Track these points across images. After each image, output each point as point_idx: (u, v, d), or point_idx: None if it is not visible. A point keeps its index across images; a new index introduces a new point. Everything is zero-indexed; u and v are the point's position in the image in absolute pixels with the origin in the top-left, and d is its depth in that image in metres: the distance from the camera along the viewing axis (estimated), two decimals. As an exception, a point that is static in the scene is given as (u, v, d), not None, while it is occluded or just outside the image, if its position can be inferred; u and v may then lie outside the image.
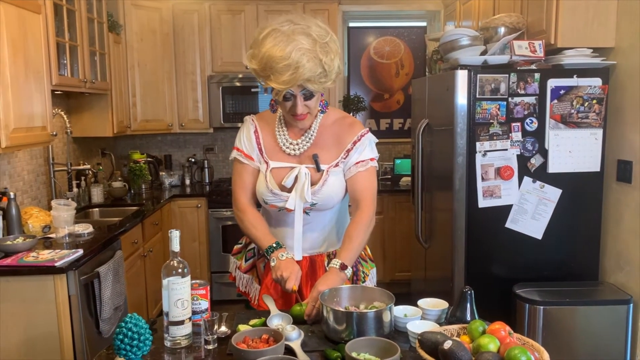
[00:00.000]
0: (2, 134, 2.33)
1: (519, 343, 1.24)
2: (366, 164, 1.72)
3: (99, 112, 3.72)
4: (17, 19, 2.45)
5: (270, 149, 1.74)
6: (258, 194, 1.74)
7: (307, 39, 1.50)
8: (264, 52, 1.51)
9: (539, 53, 2.61)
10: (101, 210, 3.66)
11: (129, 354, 1.23)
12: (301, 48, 1.48)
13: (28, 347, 2.21)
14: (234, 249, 1.97)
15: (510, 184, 2.65)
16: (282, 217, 1.76)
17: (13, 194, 2.57)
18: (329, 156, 1.71)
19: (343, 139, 1.73)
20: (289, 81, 1.50)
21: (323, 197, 1.69)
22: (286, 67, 1.48)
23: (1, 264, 2.19)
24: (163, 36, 4.31)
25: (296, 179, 1.68)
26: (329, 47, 1.54)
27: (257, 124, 1.77)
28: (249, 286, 1.88)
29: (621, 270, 2.62)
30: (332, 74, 1.57)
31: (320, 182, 1.68)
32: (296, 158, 1.72)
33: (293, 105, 1.59)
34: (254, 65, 1.56)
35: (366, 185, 1.72)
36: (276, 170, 1.71)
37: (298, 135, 1.73)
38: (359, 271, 1.83)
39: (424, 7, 4.75)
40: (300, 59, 1.48)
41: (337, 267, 1.61)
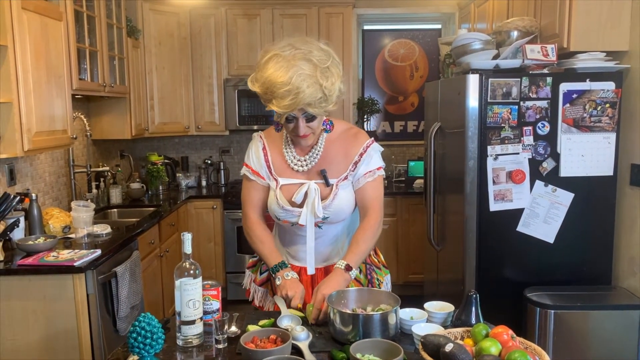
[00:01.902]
0: (24, 137, 2.42)
1: (521, 347, 1.26)
2: (373, 174, 1.76)
3: (117, 115, 3.81)
4: (39, 26, 2.54)
5: (278, 166, 1.77)
6: (270, 210, 1.78)
7: (308, 64, 1.52)
8: (265, 76, 1.53)
9: (551, 57, 2.60)
10: (119, 210, 3.75)
11: (142, 352, 1.28)
12: (302, 74, 1.50)
13: (48, 344, 2.28)
14: (250, 262, 2.00)
15: (521, 188, 2.66)
16: (296, 231, 1.79)
17: (35, 195, 2.66)
18: (337, 170, 1.74)
19: (349, 152, 1.75)
20: (289, 106, 1.52)
21: (334, 211, 1.72)
22: (287, 93, 1.50)
23: (23, 263, 2.28)
24: (180, 40, 4.39)
25: (306, 194, 1.71)
26: (329, 72, 1.55)
27: (265, 141, 1.80)
28: (263, 299, 1.89)
29: (634, 275, 2.61)
30: (333, 97, 1.58)
31: (331, 197, 1.71)
32: (304, 174, 1.75)
33: (295, 126, 1.62)
34: (257, 88, 1.59)
35: (374, 194, 1.77)
36: (286, 187, 1.74)
37: (305, 151, 1.75)
38: (373, 279, 1.85)
39: (438, 10, 4.76)
40: (301, 84, 1.49)
41: (342, 268, 1.65)
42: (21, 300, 2.25)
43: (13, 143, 2.39)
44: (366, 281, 1.83)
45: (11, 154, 2.41)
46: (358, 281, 1.80)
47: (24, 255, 2.38)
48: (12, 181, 2.78)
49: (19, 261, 2.30)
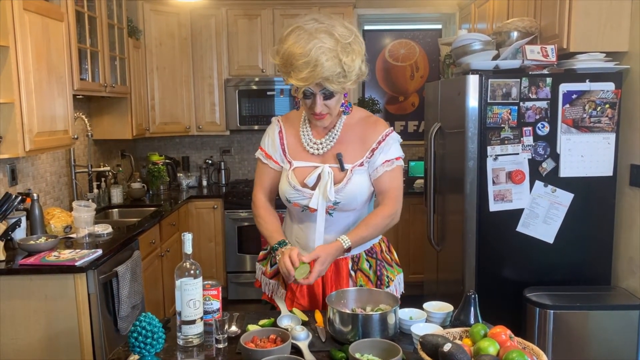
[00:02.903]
0: (26, 137, 2.43)
1: (519, 347, 1.27)
2: (392, 164, 1.73)
3: (118, 115, 3.82)
4: (41, 27, 2.55)
5: (293, 149, 1.77)
6: (281, 192, 1.77)
7: (330, 38, 1.51)
8: (285, 48, 1.54)
9: (551, 57, 2.61)
10: (120, 210, 3.76)
11: (143, 351, 1.29)
12: (322, 47, 1.49)
13: (49, 343, 2.29)
14: (260, 255, 1.97)
15: (521, 188, 2.66)
16: (306, 218, 1.76)
17: (36, 195, 2.67)
18: (354, 155, 1.72)
19: (367, 138, 1.73)
20: (307, 78, 1.52)
21: (346, 196, 1.69)
22: (305, 65, 1.50)
23: (24, 263, 2.29)
24: (181, 40, 4.40)
25: (319, 178, 1.69)
26: (350, 48, 1.54)
27: (282, 125, 1.81)
28: (275, 292, 1.86)
29: (633, 275, 2.61)
30: (352, 75, 1.56)
31: (344, 181, 1.68)
32: (319, 157, 1.74)
33: (312, 103, 1.61)
34: (277, 60, 1.59)
35: (393, 184, 1.74)
36: (299, 169, 1.73)
37: (322, 134, 1.75)
38: (383, 275, 1.81)
39: (439, 10, 4.76)
40: (320, 57, 1.48)
41: (344, 245, 1.65)
42: (22, 299, 2.26)
43: (14, 143, 2.40)
44: (375, 277, 1.79)
45: (13, 154, 2.42)
46: (367, 276, 1.77)
47: (25, 255, 2.39)
48: (13, 181, 2.79)
49: (20, 261, 2.31)
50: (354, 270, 1.77)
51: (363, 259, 1.80)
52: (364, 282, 1.77)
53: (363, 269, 1.79)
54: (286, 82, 1.59)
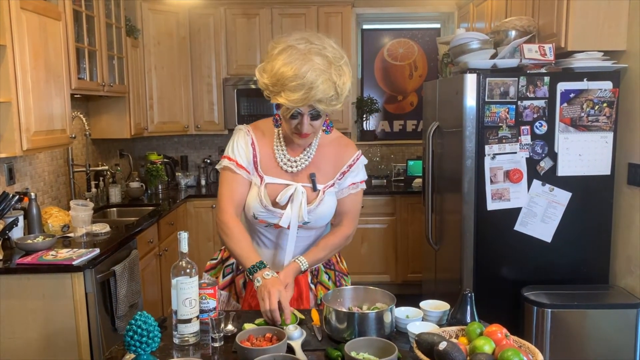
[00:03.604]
0: (23, 136, 2.43)
1: (514, 345, 1.27)
2: (357, 187, 1.76)
3: (117, 114, 3.82)
4: (38, 26, 2.54)
5: (265, 164, 1.70)
6: (247, 208, 1.71)
7: (323, 60, 1.48)
8: (277, 67, 1.49)
9: (549, 56, 2.61)
10: (119, 210, 3.76)
11: (139, 350, 1.28)
12: (317, 69, 1.46)
13: (47, 342, 2.29)
14: (207, 265, 1.89)
15: (519, 187, 2.66)
16: (269, 234, 1.75)
17: (34, 194, 2.67)
18: (326, 176, 1.72)
19: (339, 160, 1.74)
20: (300, 100, 1.48)
21: (317, 217, 1.69)
22: (299, 87, 1.46)
23: (22, 262, 2.28)
24: (179, 40, 4.39)
25: (290, 197, 1.66)
26: (342, 70, 1.52)
27: (254, 136, 1.73)
28: (226, 303, 1.81)
29: (631, 274, 2.61)
30: (343, 96, 1.55)
31: (317, 202, 1.68)
32: (292, 175, 1.70)
33: (299, 123, 1.57)
34: (265, 79, 1.54)
35: (354, 206, 1.77)
36: (270, 185, 1.68)
37: (297, 152, 1.71)
38: (342, 285, 1.82)
39: (437, 9, 4.76)
40: (315, 80, 1.45)
41: (301, 267, 1.65)
42: (20, 299, 2.26)
43: (12, 142, 2.40)
44: (334, 287, 1.80)
45: (10, 153, 2.41)
46: (327, 288, 1.79)
47: (22, 254, 2.39)
48: (11, 180, 2.79)
49: (17, 260, 2.31)
50: (314, 284, 1.79)
51: (322, 271, 1.82)
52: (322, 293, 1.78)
53: (323, 281, 1.80)
54: (273, 100, 1.54)
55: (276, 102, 1.53)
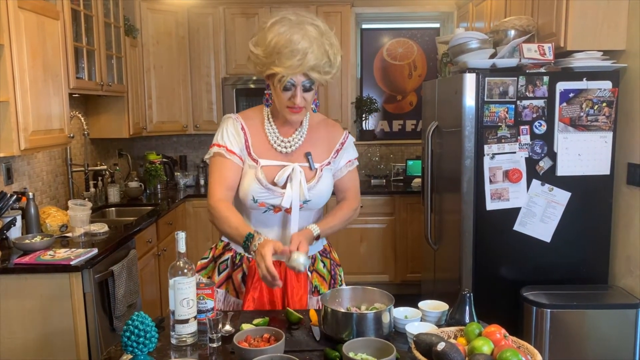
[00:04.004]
0: (21, 136, 2.42)
1: (513, 346, 1.26)
2: (352, 164, 1.83)
3: (115, 114, 3.82)
4: (36, 25, 2.54)
5: (258, 147, 1.70)
6: (245, 193, 1.67)
7: (315, 30, 1.54)
8: (271, 37, 1.53)
9: (548, 56, 2.60)
10: (117, 209, 3.75)
11: (136, 351, 1.28)
12: (310, 36, 1.51)
13: (45, 342, 2.29)
14: (198, 265, 1.84)
15: (518, 187, 2.66)
16: (268, 220, 1.72)
17: (32, 194, 2.66)
18: (320, 155, 1.74)
19: (331, 140, 1.78)
20: (295, 67, 1.51)
21: (317, 194, 1.70)
22: (294, 53, 1.50)
23: (19, 262, 2.28)
24: (178, 39, 4.39)
25: (288, 178, 1.67)
26: (333, 41, 1.58)
27: (243, 121, 1.72)
28: (225, 301, 1.78)
29: (631, 274, 2.61)
30: (335, 65, 1.59)
31: (316, 179, 1.70)
32: (287, 156, 1.71)
33: (292, 95, 1.59)
34: (259, 51, 1.57)
35: (354, 182, 1.84)
36: (266, 167, 1.68)
37: (289, 133, 1.73)
38: (336, 275, 1.85)
39: (437, 9, 4.76)
40: (309, 46, 1.50)
41: (313, 233, 1.65)
42: (18, 299, 2.25)
43: (9, 142, 2.39)
44: (329, 277, 1.82)
45: (8, 153, 2.41)
46: (322, 277, 1.79)
47: (20, 254, 2.39)
48: (9, 180, 2.78)
49: (15, 260, 2.30)
50: (310, 271, 1.78)
51: (318, 259, 1.82)
52: (318, 283, 1.78)
53: (319, 269, 1.80)
54: (267, 72, 1.58)
55: (270, 72, 1.57)
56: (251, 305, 1.70)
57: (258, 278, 1.66)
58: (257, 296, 1.70)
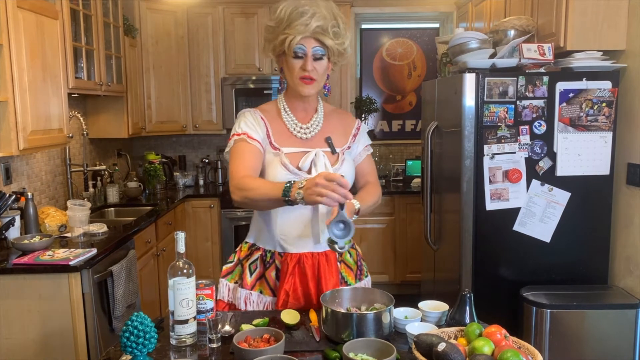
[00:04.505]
0: (20, 136, 2.42)
1: (514, 346, 1.26)
2: (369, 149, 1.88)
3: (114, 114, 3.81)
4: (35, 25, 2.53)
5: (279, 136, 1.70)
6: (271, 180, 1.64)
7: (325, 2, 1.63)
8: (283, 6, 1.62)
9: (548, 56, 2.60)
10: (116, 209, 3.74)
11: (135, 351, 1.27)
12: (319, 4, 1.60)
13: (43, 343, 2.28)
14: (224, 270, 1.81)
15: (518, 187, 2.65)
16: (294, 209, 1.60)
17: (31, 194, 2.65)
18: (339, 140, 1.76)
19: (347, 126, 1.82)
20: (304, 27, 1.57)
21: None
22: (303, 13, 1.57)
23: (18, 262, 2.27)
24: (178, 39, 4.38)
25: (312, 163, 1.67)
26: (340, 13, 1.66)
27: (260, 112, 1.73)
28: (260, 302, 1.73)
29: (631, 274, 2.61)
30: (344, 37, 1.64)
31: (339, 162, 1.72)
32: (307, 142, 1.72)
33: (304, 62, 1.62)
34: (272, 23, 1.64)
35: (372, 166, 1.89)
36: (289, 155, 1.68)
37: (307, 119, 1.75)
38: (362, 265, 1.86)
39: (436, 9, 4.76)
40: (318, 7, 1.59)
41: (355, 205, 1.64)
42: (17, 299, 2.25)
43: (8, 142, 2.38)
44: (355, 267, 1.82)
45: (7, 152, 2.40)
46: (349, 267, 1.79)
47: (19, 254, 2.38)
48: (7, 180, 2.77)
49: (14, 260, 2.30)
50: (339, 262, 1.77)
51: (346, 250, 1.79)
52: (346, 274, 1.78)
53: (346, 259, 1.80)
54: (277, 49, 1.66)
55: (282, 38, 1.61)
56: (285, 299, 1.67)
57: (291, 272, 1.68)
58: (291, 289, 1.68)
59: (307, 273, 1.68)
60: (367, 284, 1.85)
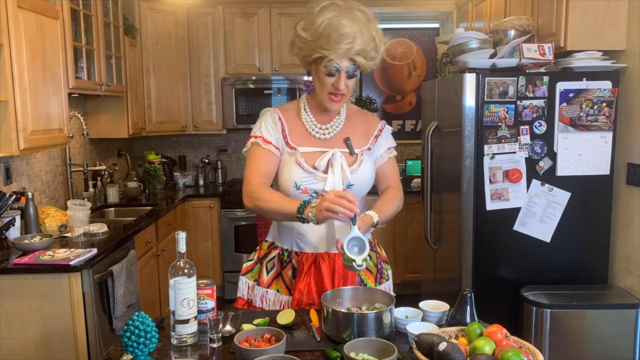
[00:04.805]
0: (20, 136, 2.42)
1: (514, 346, 1.26)
2: (392, 151, 1.83)
3: (114, 114, 3.81)
4: (35, 25, 2.53)
5: (295, 135, 1.71)
6: (286, 180, 1.66)
7: (363, 16, 1.57)
8: (322, 20, 1.55)
9: (548, 56, 2.60)
10: (116, 210, 3.74)
11: (136, 351, 1.27)
12: (359, 21, 1.55)
13: (44, 343, 2.28)
14: (244, 268, 1.83)
15: (518, 187, 2.66)
16: None
17: (31, 194, 2.65)
18: (359, 141, 1.74)
19: (369, 126, 1.79)
20: (343, 51, 1.54)
21: (360, 179, 1.68)
22: (343, 37, 1.53)
23: (19, 262, 2.27)
24: (178, 39, 4.38)
25: (329, 163, 1.66)
26: (378, 29, 1.62)
27: (279, 112, 1.75)
28: (277, 301, 1.74)
29: (630, 274, 2.61)
30: (380, 53, 1.63)
31: (358, 162, 1.69)
32: (325, 143, 1.71)
33: (336, 80, 1.61)
34: (307, 35, 1.58)
35: (394, 169, 1.84)
36: (305, 154, 1.68)
37: (327, 120, 1.74)
38: (382, 269, 1.83)
39: (436, 9, 4.76)
40: (358, 31, 1.53)
41: (373, 219, 1.62)
42: (17, 299, 2.25)
43: (8, 142, 2.38)
44: (375, 270, 1.79)
45: (7, 152, 2.40)
46: (368, 269, 1.76)
47: (19, 254, 2.38)
48: (8, 180, 2.77)
49: (14, 260, 2.30)
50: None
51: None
52: (365, 277, 1.75)
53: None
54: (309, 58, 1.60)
55: (317, 56, 1.58)
56: (300, 298, 1.68)
57: (307, 271, 1.68)
58: (305, 289, 1.68)
59: (324, 273, 1.68)
60: (387, 287, 1.82)
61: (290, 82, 4.41)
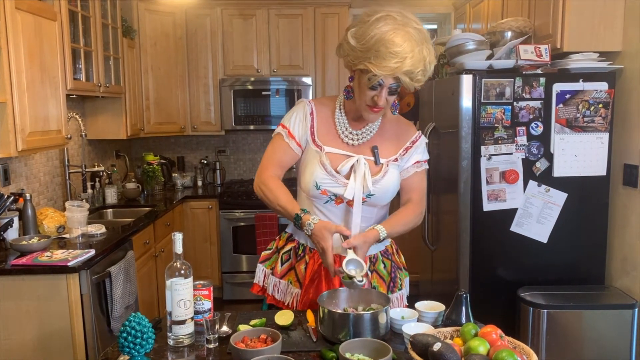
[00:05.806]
0: (18, 137, 2.42)
1: (509, 346, 1.27)
2: (421, 165, 1.77)
3: (113, 115, 3.81)
4: (33, 26, 2.54)
5: (324, 134, 1.69)
6: (309, 178, 1.66)
7: (418, 34, 1.50)
8: (374, 33, 1.48)
9: (544, 57, 2.61)
10: (115, 211, 3.75)
11: (132, 352, 1.28)
12: (413, 40, 1.48)
13: (42, 344, 2.28)
14: (262, 256, 1.86)
15: (515, 188, 2.66)
16: (329, 211, 1.69)
17: (29, 195, 2.66)
18: (388, 151, 1.71)
19: (402, 136, 1.75)
20: (391, 69, 1.47)
21: (382, 189, 1.66)
22: (394, 55, 1.46)
23: (16, 263, 2.28)
24: (176, 40, 4.39)
25: (352, 169, 1.64)
26: (431, 49, 1.54)
27: (314, 106, 1.72)
28: (285, 292, 1.76)
29: (627, 275, 2.62)
30: (427, 75, 1.55)
31: (382, 173, 1.66)
32: (352, 148, 1.69)
33: (377, 95, 1.56)
34: (356, 44, 1.52)
35: (421, 185, 1.77)
36: (330, 155, 1.66)
37: (359, 126, 1.70)
38: (396, 278, 1.81)
39: (434, 10, 4.77)
40: (410, 51, 1.46)
41: (380, 235, 1.61)
42: (15, 300, 2.25)
43: (7, 143, 2.39)
44: (389, 279, 1.79)
45: (5, 154, 2.41)
46: (382, 278, 1.76)
47: (17, 255, 2.38)
48: (6, 181, 2.78)
49: (12, 261, 2.30)
50: (370, 271, 1.74)
51: (379, 259, 1.78)
52: (377, 284, 1.74)
53: (379, 269, 1.77)
54: (358, 66, 1.53)
55: (363, 67, 1.52)
56: (310, 295, 1.69)
57: (317, 270, 1.69)
58: (316, 287, 1.69)
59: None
60: (399, 296, 1.82)
61: (288, 83, 4.42)
